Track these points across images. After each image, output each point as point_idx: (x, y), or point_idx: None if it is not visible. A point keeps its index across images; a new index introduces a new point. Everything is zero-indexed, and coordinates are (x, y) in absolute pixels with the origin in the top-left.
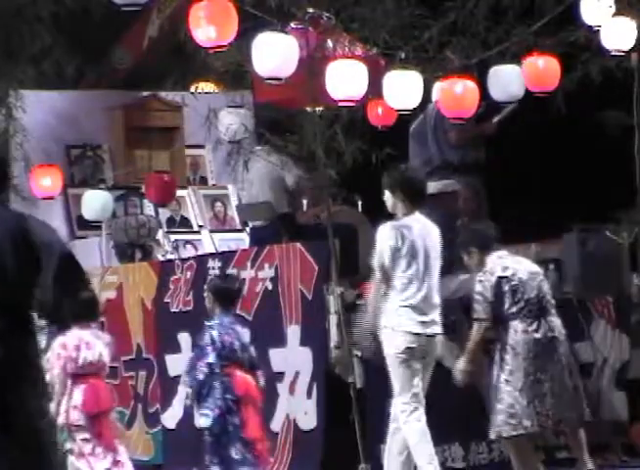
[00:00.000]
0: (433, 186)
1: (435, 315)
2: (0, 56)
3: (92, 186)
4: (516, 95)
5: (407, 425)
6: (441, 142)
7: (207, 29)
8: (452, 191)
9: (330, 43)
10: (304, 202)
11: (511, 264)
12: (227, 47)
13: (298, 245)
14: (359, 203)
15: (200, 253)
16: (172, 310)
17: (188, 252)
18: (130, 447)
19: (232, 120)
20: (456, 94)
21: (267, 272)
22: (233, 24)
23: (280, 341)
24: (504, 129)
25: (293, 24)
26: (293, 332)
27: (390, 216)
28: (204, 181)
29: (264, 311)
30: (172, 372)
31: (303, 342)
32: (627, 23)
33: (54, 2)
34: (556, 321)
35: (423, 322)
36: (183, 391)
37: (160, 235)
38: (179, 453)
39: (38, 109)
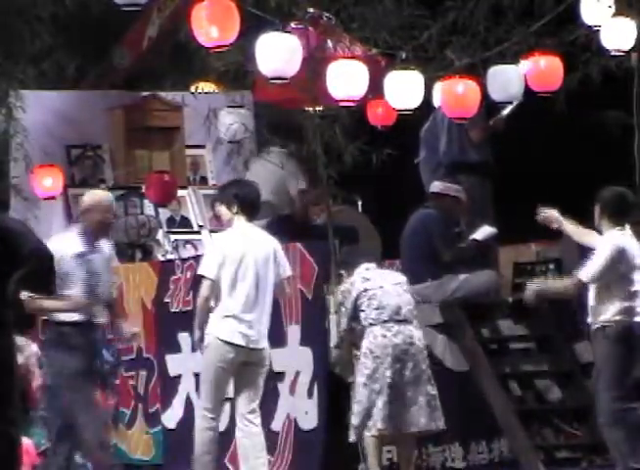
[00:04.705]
0: (436, 186)
1: (262, 328)
2: (0, 56)
3: (92, 186)
4: (515, 95)
5: (201, 432)
6: (462, 142)
7: (209, 29)
8: (454, 196)
9: (330, 43)
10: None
11: (372, 276)
12: (228, 47)
13: (298, 245)
14: (359, 203)
15: (200, 253)
16: (172, 310)
17: (188, 252)
18: (131, 448)
19: (232, 120)
20: (457, 94)
21: None
22: (235, 24)
23: (280, 341)
24: (504, 129)
25: (293, 24)
26: (293, 332)
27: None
28: (204, 181)
29: None
30: (172, 372)
31: (304, 342)
32: (627, 23)
33: (54, 2)
34: (416, 331)
35: (245, 334)
36: (184, 391)
37: (160, 235)
38: (179, 453)
39: (38, 109)
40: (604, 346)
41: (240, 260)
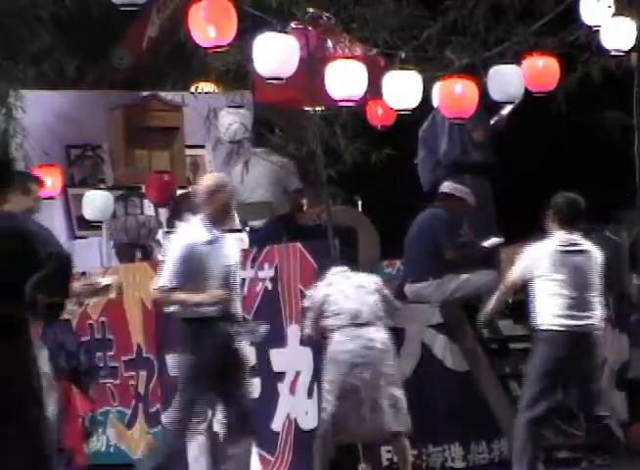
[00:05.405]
0: (446, 186)
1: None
2: (0, 56)
3: (92, 186)
4: (515, 95)
5: None
6: (463, 142)
7: (207, 29)
8: (462, 198)
9: (330, 43)
10: (304, 202)
11: (337, 280)
12: (227, 47)
13: (298, 245)
14: (359, 203)
15: None
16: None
17: None
18: (132, 447)
19: (232, 120)
20: (455, 94)
21: (267, 272)
22: (232, 24)
23: (280, 341)
24: (503, 129)
25: (293, 24)
26: (293, 332)
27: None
28: None
29: (264, 311)
30: (173, 372)
31: (304, 342)
32: (627, 23)
33: (54, 2)
34: (377, 334)
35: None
36: None
37: (159, 235)
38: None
39: (38, 109)
40: (536, 347)
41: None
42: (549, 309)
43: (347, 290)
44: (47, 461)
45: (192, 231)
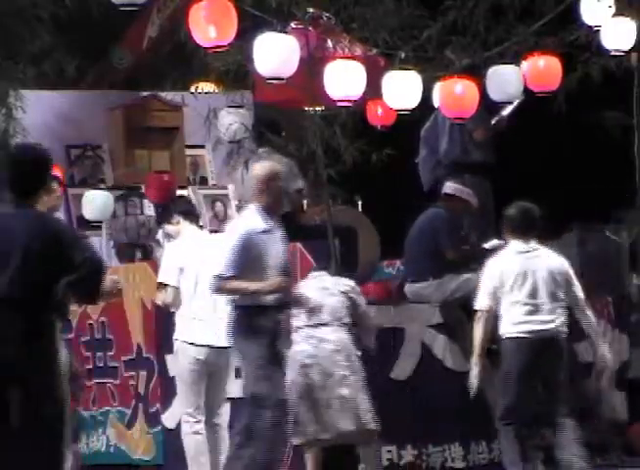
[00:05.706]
0: (448, 186)
1: (224, 326)
2: (0, 56)
3: (92, 186)
4: (514, 95)
5: (188, 437)
6: (464, 142)
7: (207, 29)
8: (465, 199)
9: (330, 43)
10: (304, 202)
11: (308, 282)
12: (227, 47)
13: (298, 245)
14: (359, 203)
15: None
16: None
17: None
18: (132, 447)
19: (232, 120)
20: (456, 94)
21: None
22: (233, 24)
23: None
24: (504, 129)
25: (293, 24)
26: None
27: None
28: (204, 181)
29: None
30: (173, 372)
31: None
32: (627, 23)
33: (54, 2)
34: (333, 334)
35: (211, 334)
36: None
37: (159, 235)
38: (180, 453)
39: (38, 109)
40: (503, 356)
41: (199, 264)
42: (511, 318)
43: (309, 292)
44: (63, 462)
45: (249, 220)
